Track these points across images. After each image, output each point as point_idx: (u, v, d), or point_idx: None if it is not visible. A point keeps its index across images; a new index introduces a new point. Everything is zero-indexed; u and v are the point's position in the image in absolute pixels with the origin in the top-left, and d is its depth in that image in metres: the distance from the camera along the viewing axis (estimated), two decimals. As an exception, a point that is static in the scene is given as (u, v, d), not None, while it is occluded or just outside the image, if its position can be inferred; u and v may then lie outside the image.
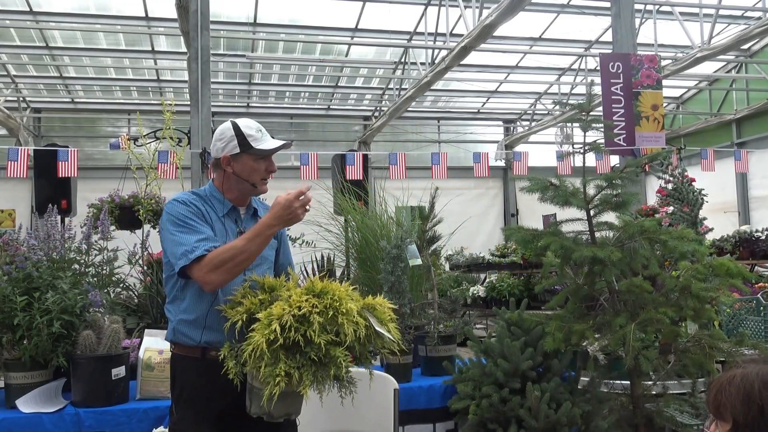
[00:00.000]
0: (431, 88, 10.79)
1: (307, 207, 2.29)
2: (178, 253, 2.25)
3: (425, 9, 10.52)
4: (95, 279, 3.67)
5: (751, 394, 1.43)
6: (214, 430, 2.33)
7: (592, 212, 3.19)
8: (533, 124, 14.46)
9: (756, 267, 7.46)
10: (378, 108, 13.97)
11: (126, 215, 5.11)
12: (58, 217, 3.58)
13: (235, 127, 2.41)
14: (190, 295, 2.36)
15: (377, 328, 2.11)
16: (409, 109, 12.22)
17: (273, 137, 2.53)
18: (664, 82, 7.38)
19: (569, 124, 13.01)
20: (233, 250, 2.22)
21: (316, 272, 4.76)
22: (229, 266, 2.22)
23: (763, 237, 8.13)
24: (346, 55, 12.18)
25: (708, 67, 12.41)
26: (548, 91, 13.96)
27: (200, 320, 2.34)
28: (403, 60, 11.79)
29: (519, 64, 12.60)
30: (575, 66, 12.63)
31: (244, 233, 2.36)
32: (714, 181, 10.50)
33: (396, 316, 2.29)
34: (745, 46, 11.58)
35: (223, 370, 2.19)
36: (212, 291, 2.30)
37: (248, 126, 2.43)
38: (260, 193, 2.50)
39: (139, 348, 3.25)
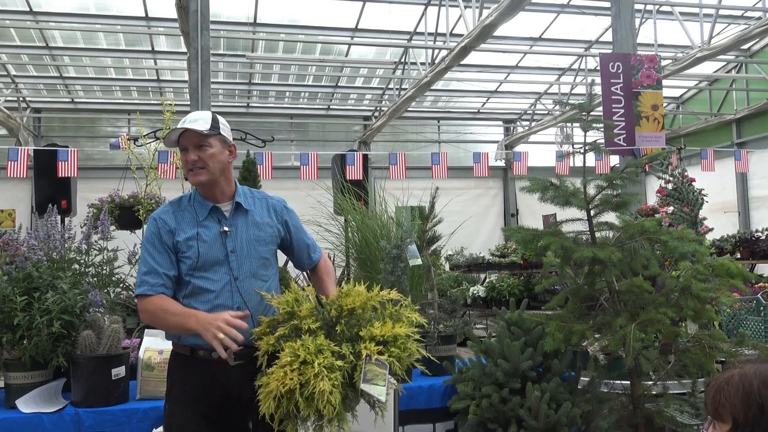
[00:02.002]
0: (431, 88, 10.78)
1: (220, 336, 2.15)
2: (138, 277, 2.44)
3: (425, 9, 10.51)
4: (95, 279, 3.68)
5: (751, 393, 1.43)
6: (202, 426, 2.34)
7: (592, 212, 3.19)
8: (533, 124, 14.46)
9: None
10: (378, 108, 13.97)
11: (126, 215, 5.11)
12: (58, 217, 3.58)
13: None
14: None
15: (364, 388, 2.12)
16: (409, 109, 12.22)
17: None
18: (664, 82, 7.37)
19: (569, 124, 13.02)
20: (158, 316, 2.35)
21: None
22: (155, 321, 2.41)
23: (763, 237, 8.14)
24: (346, 55, 12.18)
25: (708, 67, 12.40)
26: (548, 91, 13.96)
27: None
28: (403, 60, 11.78)
29: (519, 64, 12.60)
30: (575, 66, 12.62)
31: (227, 233, 2.39)
32: (714, 181, 10.50)
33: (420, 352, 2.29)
34: (745, 46, 11.57)
35: (246, 384, 2.24)
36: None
37: (182, 120, 2.44)
38: (192, 184, 2.44)
39: (139, 348, 3.25)
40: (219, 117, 2.47)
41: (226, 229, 2.40)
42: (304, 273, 3.48)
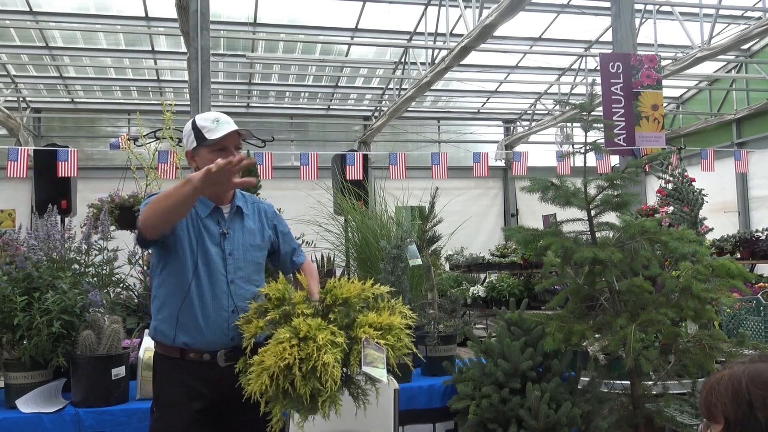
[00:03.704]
0: (431, 88, 10.78)
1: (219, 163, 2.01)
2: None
3: (425, 9, 10.51)
4: (95, 279, 3.67)
5: (739, 391, 1.45)
6: (192, 430, 2.30)
7: (593, 212, 3.19)
8: (533, 124, 14.46)
9: None
10: (378, 108, 13.97)
11: (126, 215, 5.10)
12: (58, 217, 3.57)
13: (193, 122, 2.39)
14: (164, 293, 2.36)
15: (366, 370, 2.09)
16: (409, 109, 12.22)
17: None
18: (664, 82, 7.38)
19: (569, 124, 13.02)
20: (157, 204, 2.15)
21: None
22: (154, 213, 2.15)
23: (763, 237, 8.14)
24: (346, 55, 12.18)
25: (708, 67, 12.40)
26: (548, 91, 13.96)
27: (173, 319, 2.33)
28: (403, 60, 11.79)
29: (519, 64, 12.60)
30: (575, 66, 12.63)
31: (225, 235, 2.35)
32: (714, 181, 10.50)
33: (411, 337, 2.28)
34: (745, 46, 11.58)
35: (237, 383, 2.19)
36: (151, 237, 2.22)
37: (204, 118, 2.37)
38: (229, 188, 2.34)
39: (139, 348, 3.24)
40: None
41: (225, 231, 2.38)
42: None
